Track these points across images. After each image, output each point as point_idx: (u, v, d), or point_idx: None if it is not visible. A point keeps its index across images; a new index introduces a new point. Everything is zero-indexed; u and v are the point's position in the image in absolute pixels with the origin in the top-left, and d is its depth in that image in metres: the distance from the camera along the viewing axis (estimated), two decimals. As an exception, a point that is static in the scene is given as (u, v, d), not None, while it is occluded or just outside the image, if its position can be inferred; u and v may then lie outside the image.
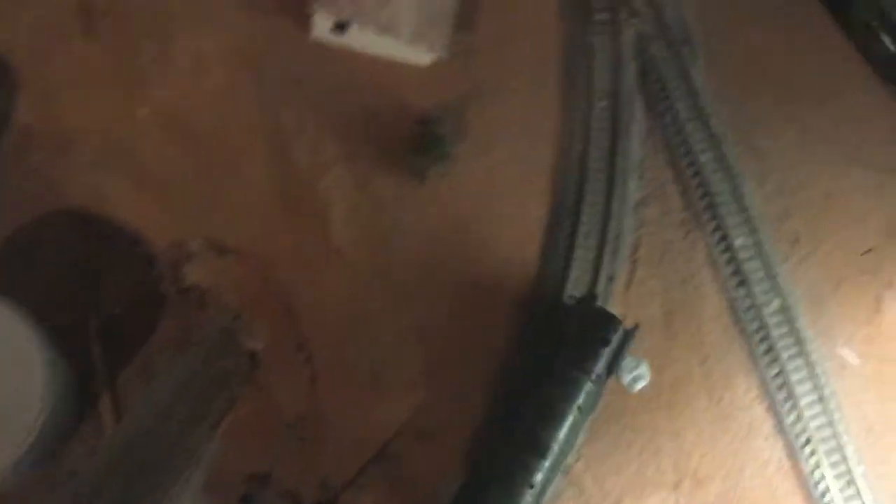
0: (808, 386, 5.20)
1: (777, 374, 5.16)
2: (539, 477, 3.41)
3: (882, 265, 2.47)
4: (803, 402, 5.29)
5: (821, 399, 5.35)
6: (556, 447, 3.30)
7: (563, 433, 3.32)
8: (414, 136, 2.88)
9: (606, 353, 3.20)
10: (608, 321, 3.27)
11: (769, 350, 4.77)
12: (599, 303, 4.00)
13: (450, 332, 3.39)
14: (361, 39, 3.31)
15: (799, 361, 4.98)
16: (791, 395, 5.27)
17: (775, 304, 3.88)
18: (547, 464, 3.41)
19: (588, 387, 3.12)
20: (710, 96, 3.03)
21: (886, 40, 3.08)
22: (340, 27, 3.49)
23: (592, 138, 4.47)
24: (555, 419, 3.22)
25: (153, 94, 2.39)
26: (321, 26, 2.76)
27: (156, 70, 2.46)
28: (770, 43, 2.70)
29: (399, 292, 3.18)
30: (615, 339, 3.25)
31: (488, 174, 2.68)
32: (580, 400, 3.19)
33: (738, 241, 2.55)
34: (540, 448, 3.24)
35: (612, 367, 3.21)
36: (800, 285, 2.40)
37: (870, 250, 2.68)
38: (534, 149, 2.62)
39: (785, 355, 4.80)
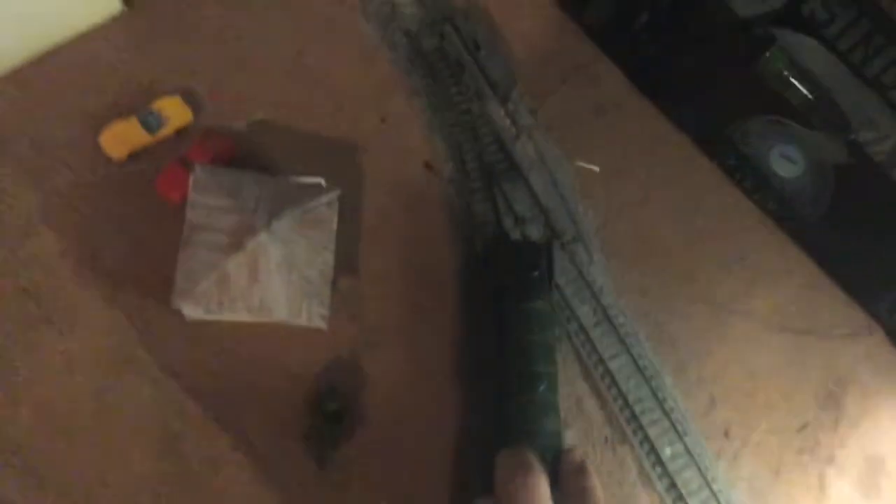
0: None
1: None
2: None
3: (819, 440, 1.21)
4: None
5: None
6: (543, 370, 1.15)
7: (542, 357, 1.16)
8: (308, 420, 1.02)
9: (540, 275, 1.28)
10: (529, 249, 1.31)
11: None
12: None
13: None
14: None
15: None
16: None
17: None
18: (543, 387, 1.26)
19: (539, 305, 1.04)
20: (613, 293, 1.31)
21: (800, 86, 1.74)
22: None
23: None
24: (528, 351, 1.04)
25: (32, 392, 0.51)
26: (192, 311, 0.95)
27: (30, 371, 0.90)
28: (665, 219, 1.21)
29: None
30: (542, 259, 1.37)
31: (392, 453, 0.90)
32: (539, 322, 1.05)
33: (667, 451, 1.12)
34: (532, 381, 1.06)
35: (550, 280, 1.16)
36: (739, 482, 0.97)
37: (805, 426, 1.23)
38: (441, 390, 0.96)
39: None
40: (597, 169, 1.16)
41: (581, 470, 0.75)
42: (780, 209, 1.70)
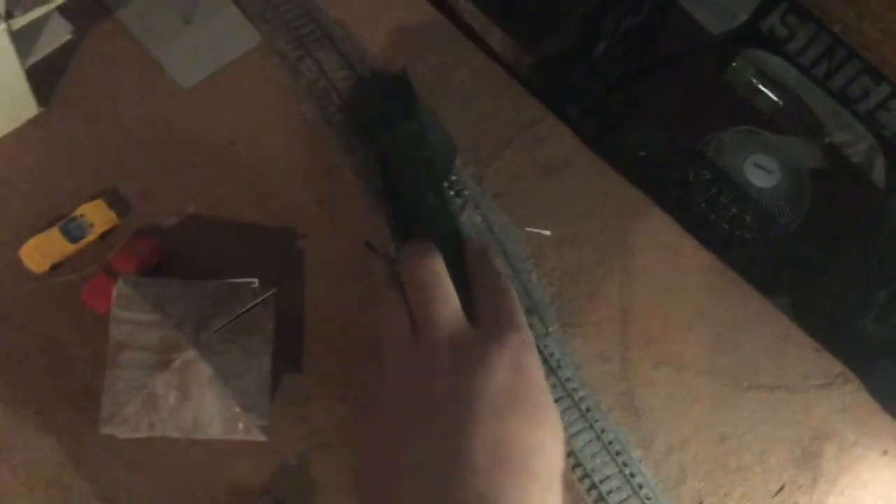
0: None
1: None
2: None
3: (797, 502, 1.16)
4: None
5: None
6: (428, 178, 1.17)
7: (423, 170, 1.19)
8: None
9: (404, 99, 1.24)
10: (386, 79, 1.27)
11: None
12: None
13: None
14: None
15: None
16: None
17: None
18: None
19: (409, 126, 0.98)
20: (572, 365, 1.27)
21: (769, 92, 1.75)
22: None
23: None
24: (409, 168, 1.15)
25: None
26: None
27: None
28: (622, 280, 1.17)
29: None
30: (402, 85, 1.32)
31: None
32: (413, 141, 0.99)
33: (640, 531, 1.08)
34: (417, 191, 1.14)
35: (413, 102, 1.20)
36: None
37: (781, 488, 1.19)
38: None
39: None
40: (548, 233, 1.11)
41: (484, 252, 0.79)
42: (758, 220, 1.67)
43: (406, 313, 0.67)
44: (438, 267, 0.68)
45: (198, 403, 0.85)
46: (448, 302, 0.66)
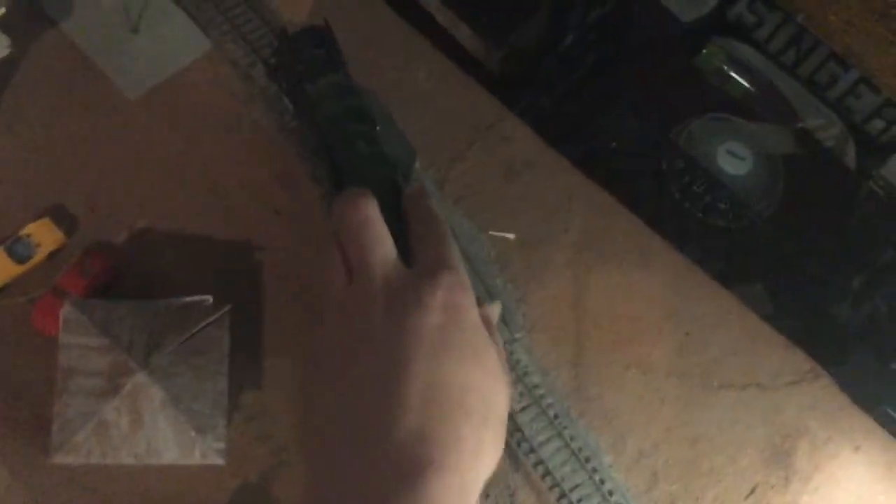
0: None
1: None
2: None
3: (770, 502, 1.16)
4: None
5: None
6: (356, 128, 1.10)
7: (352, 119, 1.11)
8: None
9: (326, 50, 1.20)
10: (307, 33, 1.23)
11: None
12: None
13: None
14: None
15: None
16: None
17: None
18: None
19: (333, 78, 0.95)
20: (539, 372, 1.25)
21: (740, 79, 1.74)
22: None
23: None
24: (337, 120, 1.08)
25: None
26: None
27: None
28: (589, 281, 1.16)
29: None
30: (323, 38, 1.28)
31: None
32: (338, 91, 1.04)
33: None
34: (348, 142, 1.07)
35: (336, 53, 1.18)
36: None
37: (754, 489, 1.19)
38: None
39: None
40: (512, 237, 1.09)
41: (420, 194, 0.79)
42: (732, 208, 1.65)
43: (341, 261, 0.67)
44: (370, 210, 0.69)
45: (151, 429, 0.82)
46: (382, 244, 0.66)
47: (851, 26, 1.32)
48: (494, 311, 0.80)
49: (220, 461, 0.84)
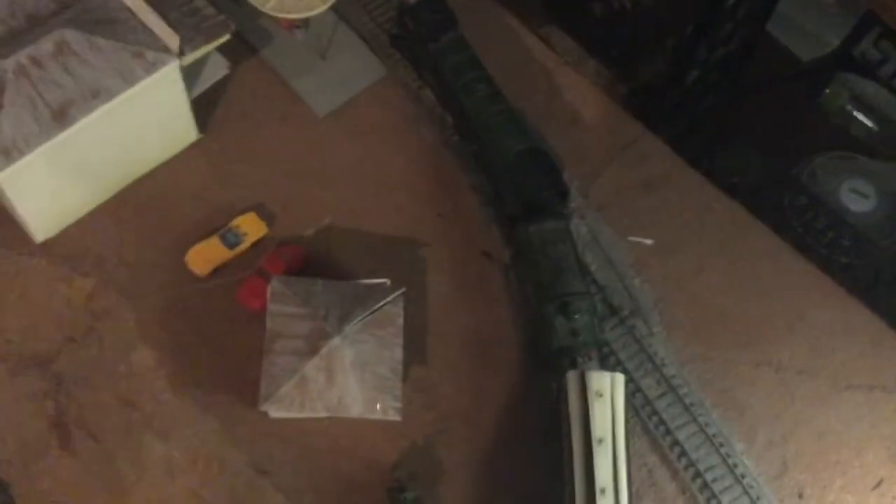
0: None
1: None
2: None
3: None
4: None
5: None
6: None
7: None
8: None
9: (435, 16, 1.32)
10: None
11: None
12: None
13: None
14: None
15: None
16: None
17: None
18: None
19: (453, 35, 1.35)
20: (676, 364, 1.37)
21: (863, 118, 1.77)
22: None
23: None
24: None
25: (133, 500, 0.99)
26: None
27: (133, 477, 1.09)
28: (722, 286, 1.27)
29: None
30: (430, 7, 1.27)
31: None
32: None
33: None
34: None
35: (447, 18, 1.34)
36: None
37: (880, 482, 1.20)
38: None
39: None
40: (650, 242, 1.21)
41: None
42: (855, 245, 1.68)
43: None
44: None
45: (342, 386, 0.97)
46: None
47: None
48: None
49: (397, 417, 0.98)
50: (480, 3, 1.39)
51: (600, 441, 1.04)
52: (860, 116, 1.91)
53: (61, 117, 0.99)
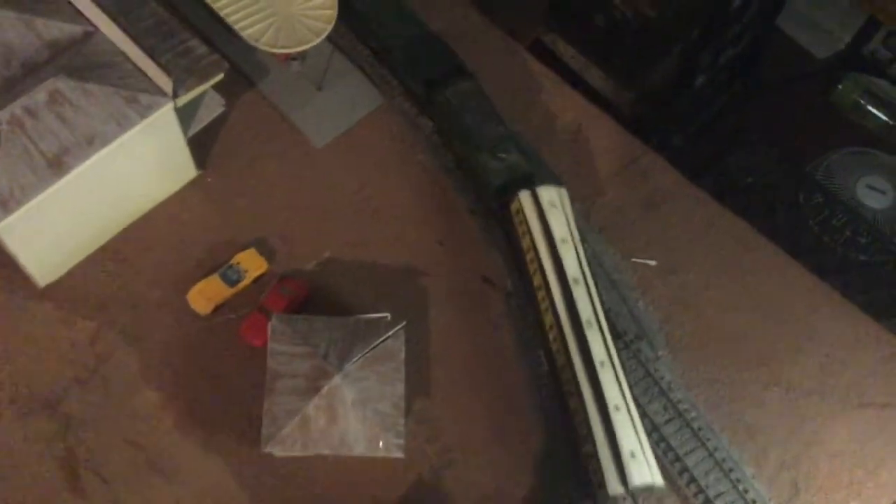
0: None
1: None
2: None
3: None
4: None
5: None
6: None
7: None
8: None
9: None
10: None
11: None
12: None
13: None
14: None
15: None
16: None
17: None
18: None
19: None
20: (683, 388, 1.36)
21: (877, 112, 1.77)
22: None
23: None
24: None
25: None
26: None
27: None
28: (728, 305, 1.25)
29: None
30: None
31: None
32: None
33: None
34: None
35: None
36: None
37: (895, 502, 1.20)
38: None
39: None
40: (653, 263, 1.20)
41: None
42: (873, 242, 1.66)
43: None
44: None
45: (343, 424, 0.97)
46: None
47: None
48: None
49: (399, 454, 0.98)
50: (475, 24, 1.38)
51: (575, 281, 1.10)
52: (874, 110, 1.89)
53: (57, 166, 0.99)
